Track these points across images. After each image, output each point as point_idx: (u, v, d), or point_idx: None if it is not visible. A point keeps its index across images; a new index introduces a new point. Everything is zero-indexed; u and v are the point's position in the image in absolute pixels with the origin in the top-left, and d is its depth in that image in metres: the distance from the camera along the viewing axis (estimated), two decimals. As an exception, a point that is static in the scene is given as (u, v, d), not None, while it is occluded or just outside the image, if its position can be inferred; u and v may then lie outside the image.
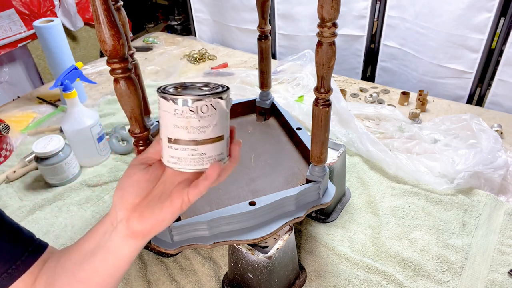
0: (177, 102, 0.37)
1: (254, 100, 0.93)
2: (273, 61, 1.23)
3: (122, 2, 0.70)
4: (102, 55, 1.96)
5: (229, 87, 0.40)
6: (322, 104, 0.59)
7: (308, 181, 0.69)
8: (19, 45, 1.63)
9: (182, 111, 0.37)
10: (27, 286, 0.46)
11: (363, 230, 0.82)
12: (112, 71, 0.49)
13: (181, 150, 0.39)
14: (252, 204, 0.64)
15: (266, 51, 0.85)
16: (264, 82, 0.89)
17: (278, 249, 0.63)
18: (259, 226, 0.64)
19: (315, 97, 0.60)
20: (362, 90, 1.33)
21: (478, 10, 1.21)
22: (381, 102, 1.25)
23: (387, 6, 1.42)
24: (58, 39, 1.16)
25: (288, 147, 0.83)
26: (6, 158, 1.07)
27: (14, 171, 0.99)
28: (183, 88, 0.42)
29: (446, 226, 0.82)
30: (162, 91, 0.38)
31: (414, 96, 1.26)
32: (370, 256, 0.77)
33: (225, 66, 1.54)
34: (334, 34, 0.52)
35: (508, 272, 0.73)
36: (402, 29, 1.43)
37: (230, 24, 1.74)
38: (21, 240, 0.47)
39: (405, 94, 1.24)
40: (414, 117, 1.15)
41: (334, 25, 0.52)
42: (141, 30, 2.85)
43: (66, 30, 1.71)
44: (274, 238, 0.65)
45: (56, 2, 1.70)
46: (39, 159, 0.92)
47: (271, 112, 0.93)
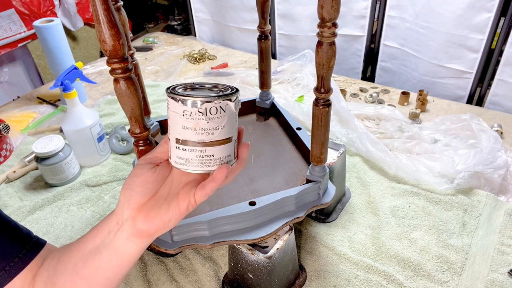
0: (186, 103, 0.37)
1: (254, 100, 0.92)
2: (273, 61, 1.23)
3: (122, 2, 0.69)
4: (102, 55, 1.96)
5: (238, 89, 0.40)
6: (322, 104, 0.59)
7: (308, 181, 0.69)
8: (19, 45, 1.64)
9: (191, 113, 0.37)
10: (26, 283, 0.46)
11: (363, 230, 0.82)
12: (112, 71, 0.49)
13: (189, 151, 0.39)
14: (252, 204, 0.64)
15: (266, 51, 0.85)
16: (264, 82, 0.89)
17: (278, 249, 0.63)
18: (259, 226, 0.64)
19: (315, 97, 0.60)
20: (362, 90, 1.33)
21: (478, 10, 1.21)
22: (381, 102, 1.25)
23: (387, 6, 1.42)
24: (58, 39, 1.16)
25: (288, 147, 0.83)
26: (6, 158, 1.07)
27: (14, 171, 0.99)
28: (192, 88, 0.41)
29: (446, 226, 0.82)
30: (171, 92, 0.38)
31: (414, 96, 1.26)
32: (370, 256, 0.77)
33: (225, 66, 1.54)
34: (334, 34, 0.52)
35: (508, 272, 0.73)
36: (402, 29, 1.43)
37: (230, 24, 1.74)
38: (18, 237, 0.47)
39: (405, 94, 1.23)
40: (414, 117, 1.15)
41: (334, 25, 0.52)
42: (141, 30, 2.85)
43: (66, 30, 1.71)
44: (274, 238, 0.65)
45: (56, 2, 1.70)
46: (39, 159, 0.92)
47: (271, 112, 0.93)
